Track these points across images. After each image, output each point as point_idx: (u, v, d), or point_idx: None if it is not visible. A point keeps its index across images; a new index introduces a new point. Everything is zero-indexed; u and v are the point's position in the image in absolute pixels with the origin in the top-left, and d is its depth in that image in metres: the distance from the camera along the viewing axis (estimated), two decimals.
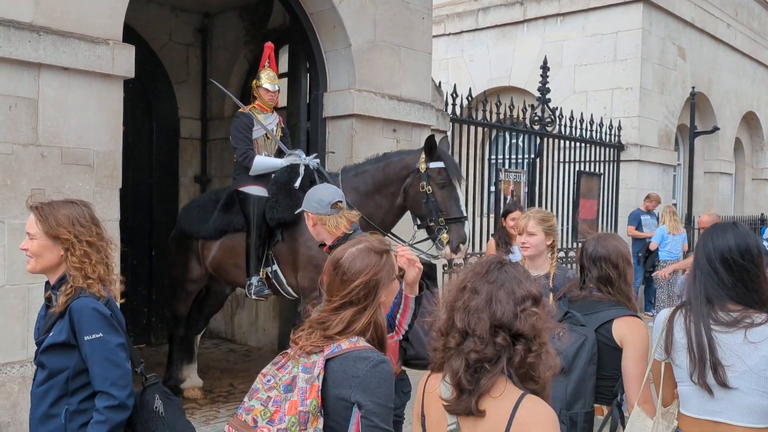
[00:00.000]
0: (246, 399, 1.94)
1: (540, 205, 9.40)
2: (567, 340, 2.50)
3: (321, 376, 1.84)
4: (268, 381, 1.93)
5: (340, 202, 3.26)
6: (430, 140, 4.89)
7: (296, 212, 3.36)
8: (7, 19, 4.14)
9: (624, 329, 2.69)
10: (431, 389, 1.72)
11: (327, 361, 1.88)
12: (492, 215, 8.80)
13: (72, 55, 4.37)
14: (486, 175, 9.22)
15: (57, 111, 4.38)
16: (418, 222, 5.04)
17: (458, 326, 1.62)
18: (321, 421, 1.84)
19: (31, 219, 2.50)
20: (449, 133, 7.53)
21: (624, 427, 2.59)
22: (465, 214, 4.94)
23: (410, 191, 4.90)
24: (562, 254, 9.90)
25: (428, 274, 3.28)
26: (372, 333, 1.94)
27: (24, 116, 4.25)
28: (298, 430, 1.81)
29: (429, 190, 4.79)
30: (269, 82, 5.44)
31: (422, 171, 4.82)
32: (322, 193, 3.27)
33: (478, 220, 8.37)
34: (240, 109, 5.48)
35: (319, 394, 1.83)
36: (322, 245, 3.29)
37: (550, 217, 3.64)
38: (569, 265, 10.07)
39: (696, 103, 12.40)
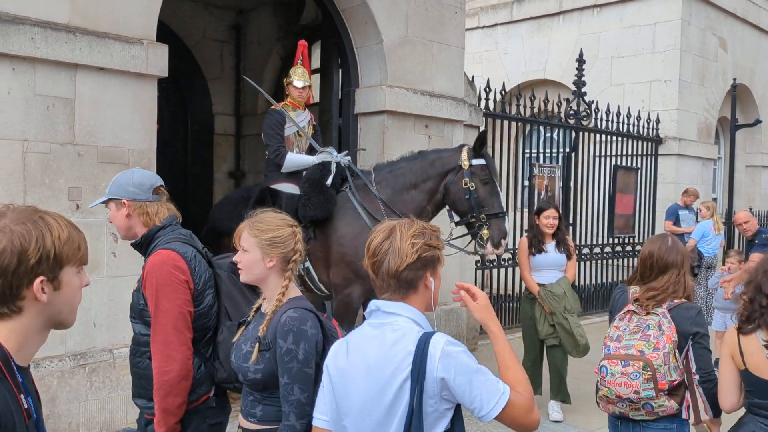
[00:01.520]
0: (614, 344, 2.97)
1: (575, 200, 9.26)
2: None
3: (671, 321, 2.90)
4: (626, 328, 2.98)
5: (162, 186, 2.77)
6: (482, 135, 5.00)
7: (101, 201, 2.76)
8: (44, 20, 4.22)
9: None
10: (744, 334, 2.64)
11: (668, 311, 2.94)
12: (526, 210, 8.71)
13: (107, 55, 4.44)
14: (520, 170, 9.12)
15: (93, 110, 4.46)
16: (456, 218, 5.08)
17: (766, 293, 2.59)
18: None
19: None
20: (482, 128, 7.47)
21: None
22: (505, 210, 4.99)
23: (452, 188, 4.97)
24: (597, 250, 9.77)
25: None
26: (685, 293, 2.99)
27: (61, 116, 4.33)
28: (674, 353, 2.85)
29: (472, 187, 4.87)
30: (299, 79, 5.45)
31: (465, 168, 4.90)
32: (141, 177, 2.74)
33: (511, 215, 8.29)
34: (272, 106, 5.51)
35: (677, 330, 2.88)
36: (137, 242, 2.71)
37: (276, 225, 2.35)
38: (592, 263, 9.92)
39: (737, 95, 12.08)
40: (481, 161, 4.94)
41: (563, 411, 5.41)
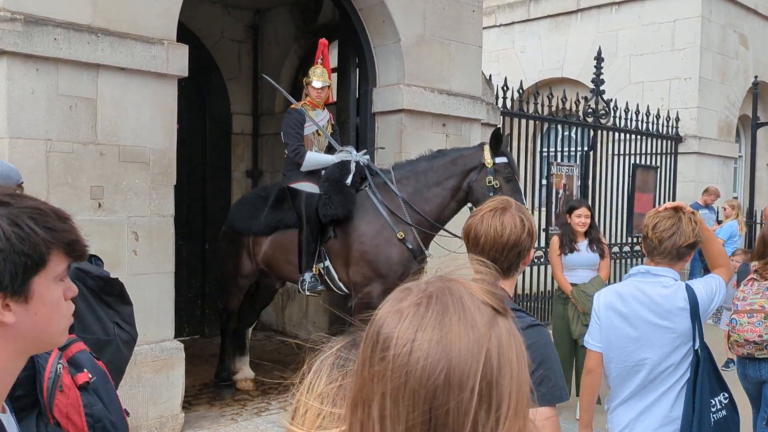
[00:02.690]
0: (740, 302, 3.81)
1: (593, 199, 9.21)
2: None
3: None
4: (749, 291, 3.84)
5: (23, 184, 2.66)
6: (497, 133, 5.08)
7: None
8: (68, 21, 4.27)
9: None
10: None
11: None
12: (543, 209, 8.68)
13: (129, 56, 4.49)
14: (537, 169, 9.08)
15: (114, 110, 4.51)
16: None
17: None
18: None
19: None
20: (499, 127, 7.45)
21: None
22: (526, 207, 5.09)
23: (476, 186, 5.04)
24: (616, 249, 9.71)
25: (108, 290, 2.49)
26: None
27: (84, 116, 4.38)
28: None
29: (496, 184, 4.96)
30: (317, 79, 5.48)
31: (489, 166, 4.98)
32: (8, 169, 2.58)
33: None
34: (292, 105, 5.54)
35: None
36: None
37: None
38: (611, 262, 9.86)
39: (759, 92, 11.93)
40: (504, 159, 5.03)
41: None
